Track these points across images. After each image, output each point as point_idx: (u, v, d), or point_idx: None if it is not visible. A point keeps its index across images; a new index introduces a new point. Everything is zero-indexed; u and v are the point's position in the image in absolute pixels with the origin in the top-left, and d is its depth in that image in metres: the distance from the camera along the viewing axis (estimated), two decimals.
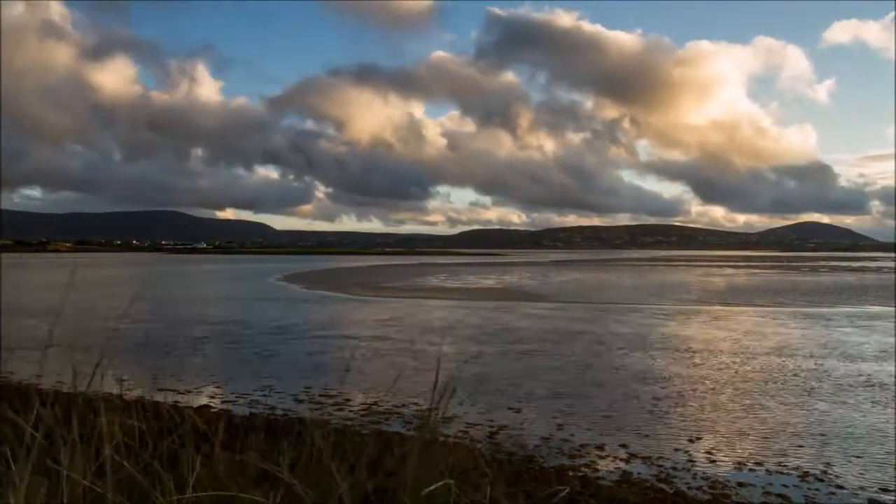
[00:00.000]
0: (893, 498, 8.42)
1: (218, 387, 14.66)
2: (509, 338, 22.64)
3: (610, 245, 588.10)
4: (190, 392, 14.05)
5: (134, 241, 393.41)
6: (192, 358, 18.46)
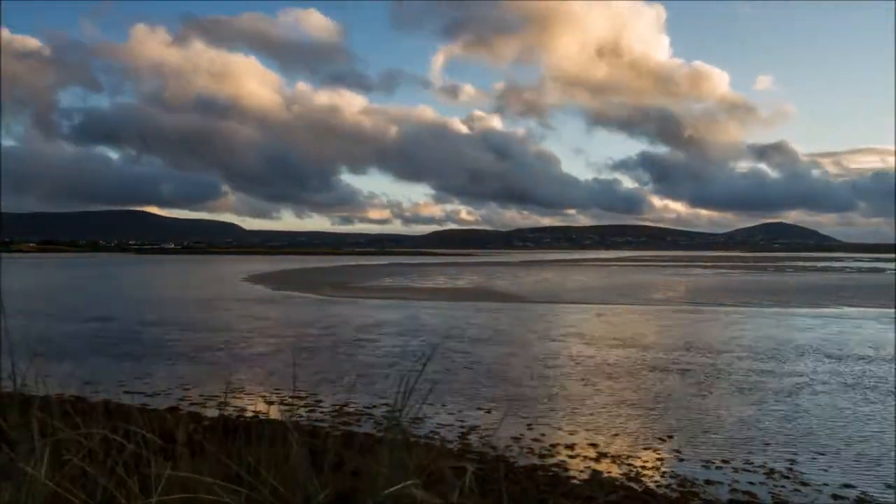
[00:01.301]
0: (856, 493, 8.58)
1: (185, 389, 14.49)
2: (482, 337, 22.67)
3: (580, 245, 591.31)
4: (157, 395, 13.89)
5: (100, 241, 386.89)
6: (157, 360, 18.23)
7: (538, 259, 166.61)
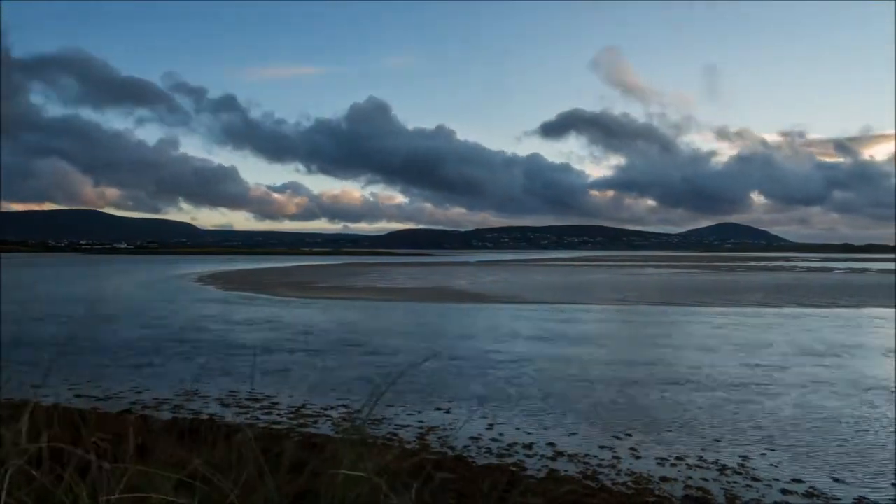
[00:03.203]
0: (804, 487, 8.79)
1: (138, 393, 14.20)
2: (442, 336, 22.68)
3: (538, 246, 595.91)
4: (109, 398, 13.60)
5: (50, 241, 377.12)
6: (109, 363, 17.85)
7: (497, 259, 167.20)
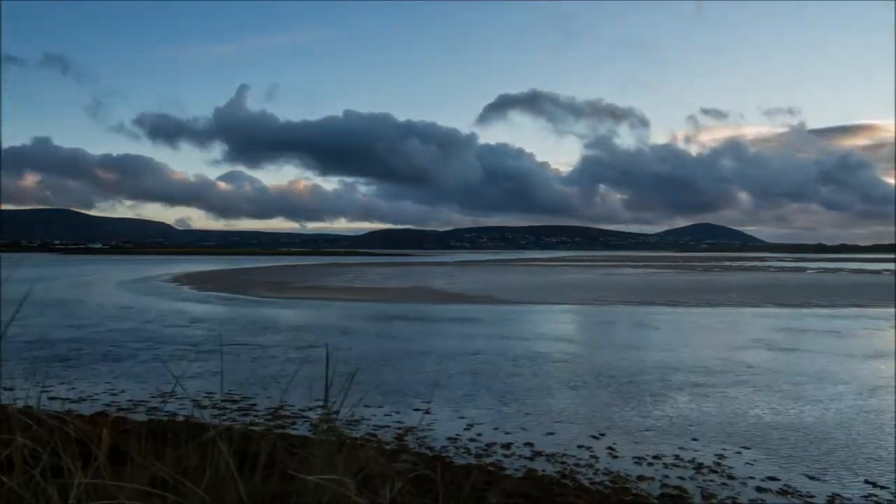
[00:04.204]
0: (779, 485, 8.89)
1: (113, 394, 14.05)
2: (421, 337, 22.66)
3: (516, 246, 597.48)
4: (83, 400, 13.43)
5: (23, 241, 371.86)
6: (82, 365, 17.64)
7: (476, 259, 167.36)
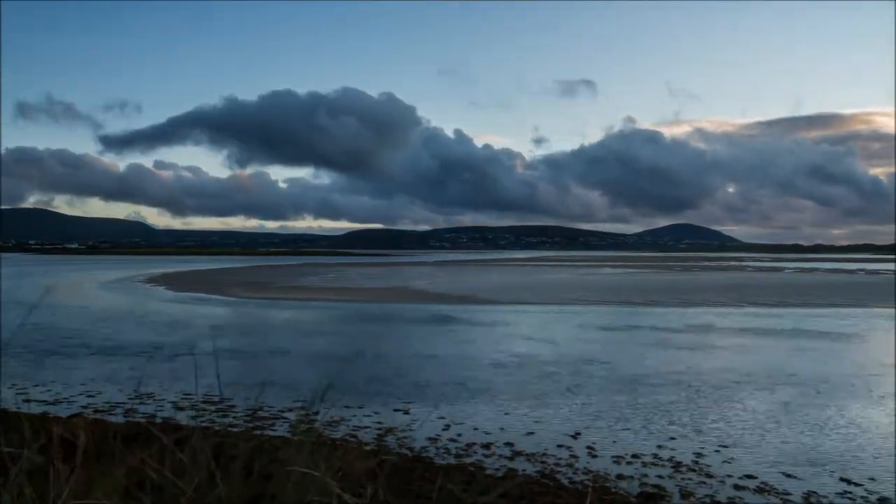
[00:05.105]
0: (756, 483, 8.99)
1: (90, 396, 13.90)
2: (400, 338, 22.66)
3: (496, 245, 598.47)
4: (59, 402, 13.29)
5: None
6: (57, 367, 17.44)
7: (457, 260, 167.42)
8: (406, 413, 12.64)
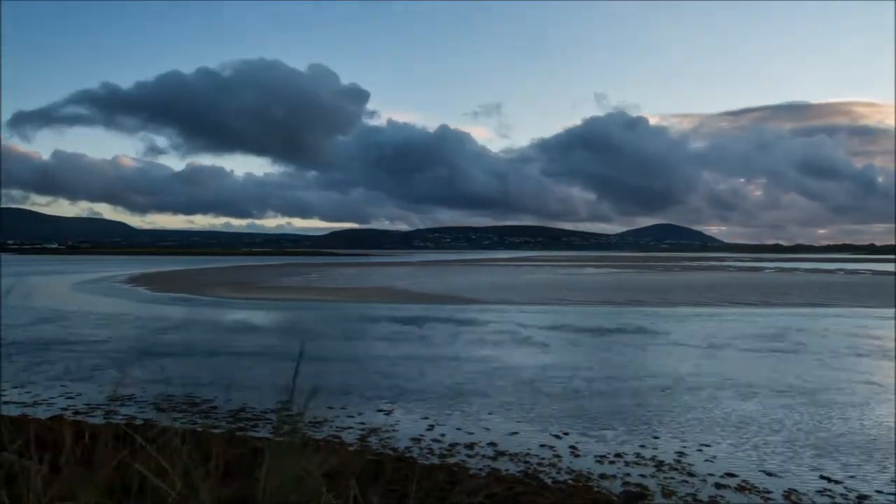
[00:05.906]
0: (737, 481, 9.06)
1: (70, 398, 13.77)
2: (383, 338, 22.61)
3: (479, 246, 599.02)
4: (38, 404, 13.14)
5: None
6: (36, 368, 17.24)
7: (440, 260, 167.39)
8: (389, 413, 12.62)
